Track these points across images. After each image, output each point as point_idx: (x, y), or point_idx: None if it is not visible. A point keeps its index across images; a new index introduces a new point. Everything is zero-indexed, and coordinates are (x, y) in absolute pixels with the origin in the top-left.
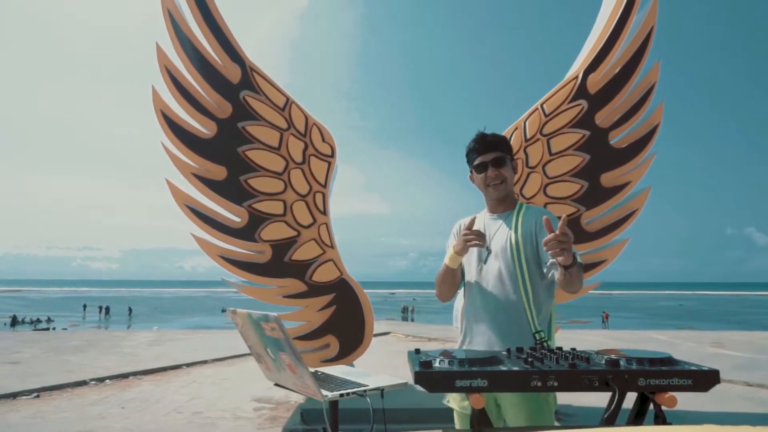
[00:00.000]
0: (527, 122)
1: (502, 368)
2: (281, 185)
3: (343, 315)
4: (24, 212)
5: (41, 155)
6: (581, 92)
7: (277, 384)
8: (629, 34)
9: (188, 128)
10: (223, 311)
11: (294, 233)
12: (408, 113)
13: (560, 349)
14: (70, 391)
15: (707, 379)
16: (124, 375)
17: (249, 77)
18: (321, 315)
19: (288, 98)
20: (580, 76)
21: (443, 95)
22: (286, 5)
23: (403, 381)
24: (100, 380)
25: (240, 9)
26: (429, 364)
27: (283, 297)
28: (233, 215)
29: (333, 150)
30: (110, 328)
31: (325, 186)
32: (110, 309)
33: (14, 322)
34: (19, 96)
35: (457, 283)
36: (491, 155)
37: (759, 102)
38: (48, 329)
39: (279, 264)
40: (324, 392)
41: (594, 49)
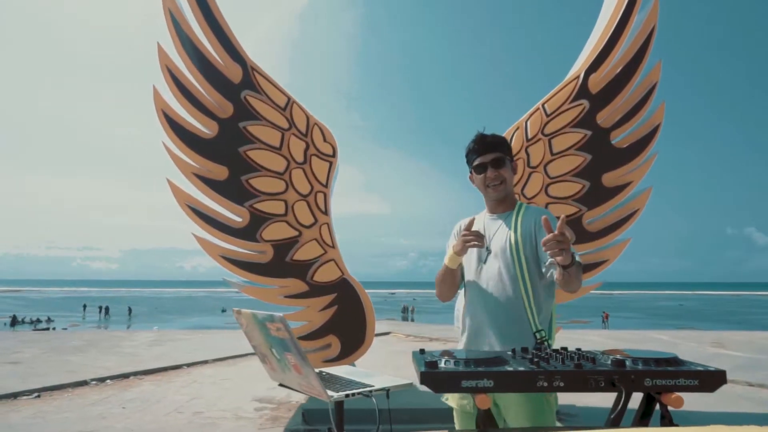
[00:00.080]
0: (529, 122)
1: (508, 368)
2: (282, 185)
3: (345, 315)
4: (24, 212)
5: (41, 155)
6: (583, 92)
7: (282, 384)
8: (630, 34)
9: (189, 128)
10: (223, 311)
11: (295, 233)
12: (408, 113)
13: (565, 349)
14: (71, 391)
15: (714, 380)
16: (125, 375)
17: (250, 77)
18: (322, 315)
19: (289, 98)
20: (582, 76)
21: (443, 95)
22: (286, 5)
23: (409, 381)
24: (101, 380)
25: (240, 9)
26: (434, 365)
27: (285, 297)
28: (234, 215)
29: (334, 150)
30: (110, 328)
31: (327, 186)
32: (110, 309)
33: (14, 322)
34: (19, 96)
35: (457, 284)
36: (490, 156)
37: (759, 102)
38: (48, 329)
39: (280, 264)
40: (329, 393)
41: (595, 49)
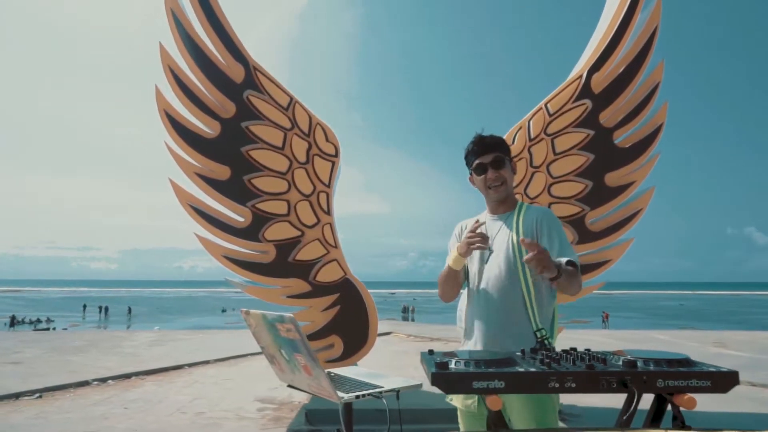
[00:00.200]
0: (531, 122)
1: (519, 369)
2: (285, 185)
3: (348, 315)
4: (24, 212)
5: (41, 155)
6: (585, 92)
7: (291, 385)
8: (633, 34)
9: (192, 128)
10: (224, 311)
11: (298, 233)
12: (408, 113)
13: (575, 350)
14: (73, 392)
15: (726, 381)
16: (127, 375)
17: (252, 77)
18: (325, 315)
19: (292, 98)
20: (584, 76)
21: (443, 95)
22: (286, 5)
23: (418, 382)
24: (103, 380)
25: (240, 9)
26: (445, 365)
27: (287, 297)
28: (237, 215)
29: (337, 150)
30: (110, 329)
31: (329, 186)
32: (109, 309)
33: (13, 323)
34: (19, 96)
35: (460, 284)
36: (490, 156)
37: (759, 102)
38: (48, 329)
39: (283, 264)
40: (340, 394)
41: (598, 49)
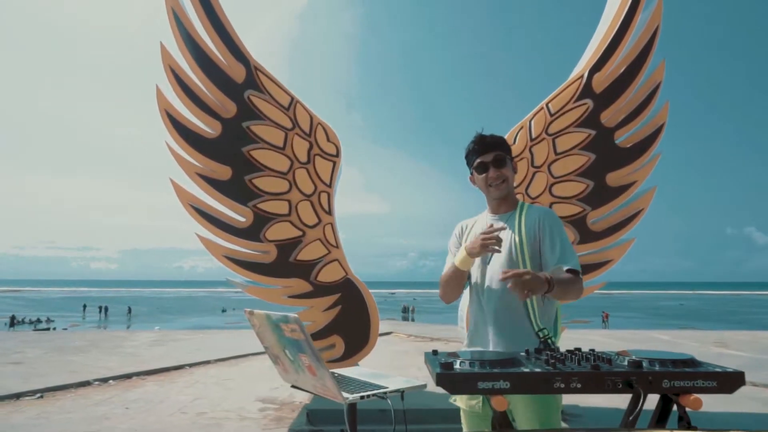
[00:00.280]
0: (533, 121)
1: (525, 370)
2: (286, 185)
3: (349, 315)
4: (24, 212)
5: (41, 155)
6: (586, 91)
7: (294, 386)
8: (634, 33)
9: (193, 128)
10: (224, 311)
11: (299, 233)
12: (408, 113)
13: (579, 350)
14: (74, 392)
15: (732, 381)
16: (128, 375)
17: (254, 77)
18: (326, 315)
19: (293, 98)
20: (586, 75)
21: (443, 95)
22: (286, 5)
23: (423, 383)
24: (104, 380)
25: (240, 9)
26: (450, 366)
27: (289, 297)
28: (238, 215)
29: (338, 149)
30: (110, 328)
31: (330, 186)
32: (108, 309)
33: (13, 323)
34: (19, 96)
35: (463, 285)
36: (491, 155)
37: (759, 102)
38: (48, 329)
39: (284, 264)
40: (345, 394)
41: (599, 48)
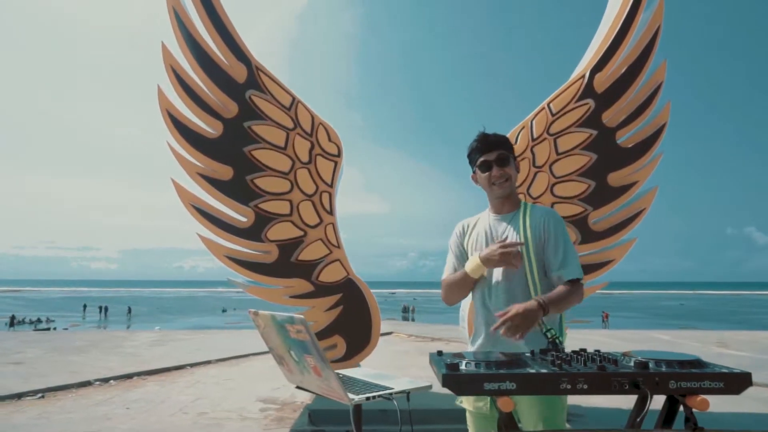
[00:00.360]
0: (534, 121)
1: (531, 371)
2: (287, 185)
3: (350, 315)
4: (24, 212)
5: (41, 155)
6: (588, 91)
7: (299, 387)
8: (636, 34)
9: (194, 128)
10: (224, 311)
11: (300, 233)
12: (408, 113)
13: (584, 351)
14: (75, 392)
15: (739, 382)
16: (129, 375)
17: (255, 76)
18: (328, 315)
19: (294, 98)
20: (587, 75)
21: (443, 95)
22: (286, 5)
23: (428, 383)
24: (105, 381)
25: (240, 9)
26: (456, 367)
27: (290, 297)
28: (239, 215)
29: (339, 149)
30: (111, 328)
31: (332, 186)
32: (108, 309)
33: (12, 323)
34: (19, 96)
35: (469, 290)
36: (494, 154)
37: (759, 102)
38: (48, 329)
39: (285, 264)
40: (350, 395)
41: (601, 49)
